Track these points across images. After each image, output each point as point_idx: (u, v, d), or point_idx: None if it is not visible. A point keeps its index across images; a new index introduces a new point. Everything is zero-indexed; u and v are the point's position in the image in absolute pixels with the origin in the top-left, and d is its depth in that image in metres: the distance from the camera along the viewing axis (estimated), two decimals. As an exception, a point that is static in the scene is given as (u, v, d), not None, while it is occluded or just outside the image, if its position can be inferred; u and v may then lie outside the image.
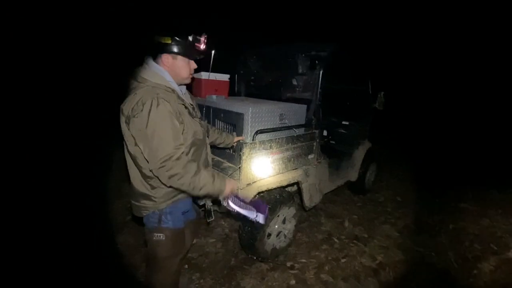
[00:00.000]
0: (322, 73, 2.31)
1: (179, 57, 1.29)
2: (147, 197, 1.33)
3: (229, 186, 1.34)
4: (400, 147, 6.24)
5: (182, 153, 1.18)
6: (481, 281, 2.15)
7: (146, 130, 1.13)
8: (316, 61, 2.33)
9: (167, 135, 1.15)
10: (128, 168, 1.34)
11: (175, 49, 1.26)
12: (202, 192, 1.25)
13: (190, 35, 1.27)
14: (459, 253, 2.48)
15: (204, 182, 1.22)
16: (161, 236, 1.38)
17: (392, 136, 6.62)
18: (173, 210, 1.40)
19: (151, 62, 1.28)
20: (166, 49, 1.25)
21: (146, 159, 1.20)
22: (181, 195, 1.39)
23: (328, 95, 2.48)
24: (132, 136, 1.20)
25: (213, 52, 1.62)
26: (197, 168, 1.21)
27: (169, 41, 1.24)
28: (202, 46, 1.32)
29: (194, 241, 2.50)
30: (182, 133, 1.24)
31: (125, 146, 1.30)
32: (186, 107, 1.30)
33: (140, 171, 1.30)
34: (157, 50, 1.27)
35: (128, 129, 1.20)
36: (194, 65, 1.38)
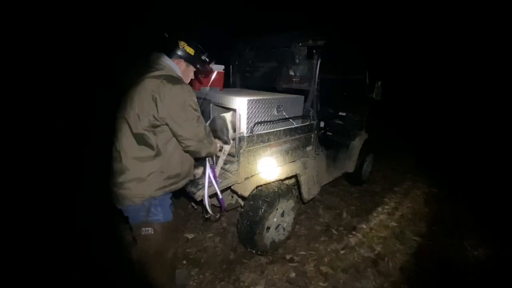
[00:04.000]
0: (320, 62, 2.24)
1: (191, 67, 1.53)
2: (143, 181, 1.32)
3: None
4: (395, 137, 6.27)
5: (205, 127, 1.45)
6: (478, 268, 2.18)
7: (184, 109, 1.30)
8: (314, 50, 2.26)
9: (197, 113, 1.37)
10: (122, 153, 1.32)
11: (192, 60, 1.49)
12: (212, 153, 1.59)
13: (205, 54, 1.54)
14: (456, 241, 2.50)
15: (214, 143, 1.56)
16: (150, 230, 1.39)
17: (387, 126, 6.63)
18: (163, 202, 1.43)
19: (166, 58, 1.42)
20: (186, 57, 1.46)
21: (176, 134, 1.33)
22: (173, 186, 1.44)
23: (325, 86, 2.43)
24: (160, 118, 1.27)
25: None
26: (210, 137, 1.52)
27: (192, 53, 1.47)
28: (208, 68, 1.61)
29: (191, 236, 2.49)
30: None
31: (125, 131, 1.31)
32: None
33: (146, 152, 1.32)
34: (178, 53, 1.44)
35: (155, 111, 1.25)
36: (193, 76, 1.60)
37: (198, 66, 1.53)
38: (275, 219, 2.19)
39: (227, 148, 1.93)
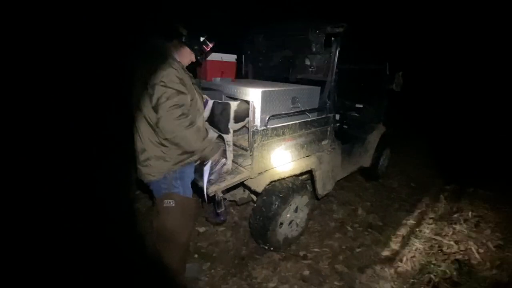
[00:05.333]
0: (339, 51, 2.10)
1: (186, 48, 1.51)
2: (161, 158, 1.44)
3: (216, 155, 1.56)
4: (413, 131, 6.01)
5: (183, 108, 1.35)
6: (505, 273, 2.05)
7: (157, 88, 1.29)
8: (332, 38, 2.12)
9: (176, 90, 1.32)
10: (140, 134, 1.45)
11: (186, 41, 1.49)
12: (193, 147, 1.43)
13: (203, 36, 1.54)
14: (480, 242, 2.37)
15: (195, 137, 1.40)
16: (171, 203, 1.50)
17: (405, 119, 6.36)
18: (182, 176, 1.53)
19: (161, 40, 1.47)
20: (179, 38, 1.48)
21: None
22: (191, 159, 1.53)
23: (343, 76, 2.29)
24: (148, 99, 1.34)
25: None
26: (192, 124, 1.38)
27: (186, 34, 1.48)
28: (207, 50, 1.58)
29: (203, 229, 2.47)
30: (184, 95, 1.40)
31: (139, 113, 1.41)
32: (190, 77, 1.51)
33: (156, 134, 1.41)
34: (172, 35, 1.48)
35: (152, 95, 1.32)
36: (193, 59, 1.59)
37: (194, 47, 1.53)
38: (288, 215, 2.12)
39: (228, 138, 1.88)
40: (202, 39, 1.53)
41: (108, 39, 4.54)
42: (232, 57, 2.38)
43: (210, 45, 1.58)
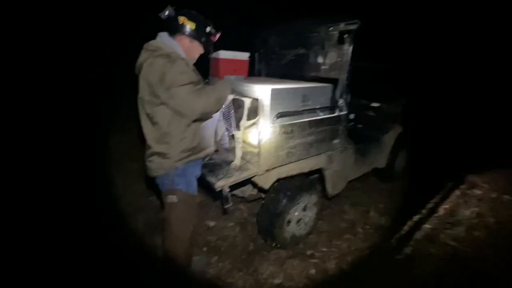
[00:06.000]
0: (352, 48, 2.06)
1: (195, 42, 1.50)
2: (163, 155, 1.45)
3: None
4: (428, 130, 5.73)
5: (196, 86, 1.36)
6: (526, 283, 1.93)
7: (163, 81, 1.28)
8: (346, 35, 2.08)
9: (185, 78, 1.32)
10: (145, 131, 1.47)
11: (196, 35, 1.48)
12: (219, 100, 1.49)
13: (209, 26, 1.51)
14: (499, 250, 2.24)
15: (215, 95, 1.43)
16: (174, 198, 1.52)
17: (424, 118, 6.08)
18: (185, 172, 1.53)
19: (167, 37, 1.45)
20: (188, 32, 1.45)
21: (176, 110, 1.36)
22: (192, 157, 1.53)
23: (357, 74, 2.24)
24: (156, 97, 1.34)
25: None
26: (204, 92, 1.38)
27: (194, 27, 1.46)
28: (214, 40, 1.58)
29: (213, 224, 2.52)
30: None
31: (142, 112, 1.44)
32: (197, 75, 1.48)
33: (158, 131, 1.42)
34: (179, 29, 1.45)
35: (153, 93, 1.33)
36: (201, 51, 1.58)
37: (203, 40, 1.51)
38: (296, 213, 2.13)
39: (238, 134, 1.86)
40: (208, 30, 1.52)
41: (117, 37, 4.61)
42: (245, 55, 2.40)
43: (217, 35, 1.57)
